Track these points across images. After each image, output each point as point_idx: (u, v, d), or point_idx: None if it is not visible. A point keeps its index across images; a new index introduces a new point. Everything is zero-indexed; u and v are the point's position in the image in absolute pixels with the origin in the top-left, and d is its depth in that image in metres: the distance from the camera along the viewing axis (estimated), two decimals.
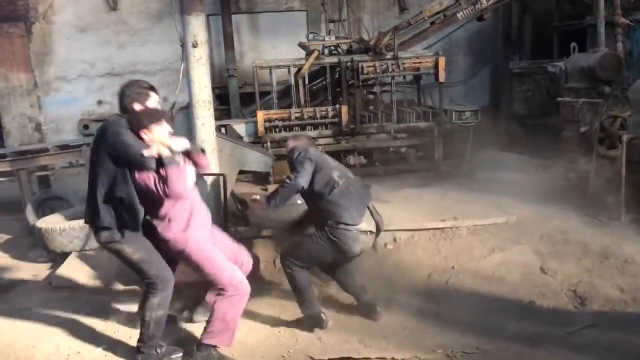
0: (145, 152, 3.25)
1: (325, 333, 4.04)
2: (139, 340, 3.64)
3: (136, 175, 3.36)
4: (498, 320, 4.06)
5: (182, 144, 3.43)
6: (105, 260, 5.25)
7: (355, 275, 4.42)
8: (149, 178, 3.34)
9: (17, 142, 10.56)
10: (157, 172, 3.31)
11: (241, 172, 6.02)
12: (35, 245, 5.93)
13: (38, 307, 4.60)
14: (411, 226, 5.37)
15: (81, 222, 5.60)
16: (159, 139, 3.33)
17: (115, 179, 3.37)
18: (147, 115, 3.44)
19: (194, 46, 4.67)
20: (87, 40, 10.78)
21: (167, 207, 3.46)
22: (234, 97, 10.34)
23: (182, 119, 5.13)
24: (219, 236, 3.89)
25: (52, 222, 5.78)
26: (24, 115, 10.87)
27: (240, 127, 7.56)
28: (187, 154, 3.49)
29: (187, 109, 5.13)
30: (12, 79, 10.72)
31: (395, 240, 5.29)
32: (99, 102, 10.95)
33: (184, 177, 3.36)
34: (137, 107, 3.55)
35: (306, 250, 4.11)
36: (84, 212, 3.65)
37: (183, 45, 4.78)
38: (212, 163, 4.92)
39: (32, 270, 5.59)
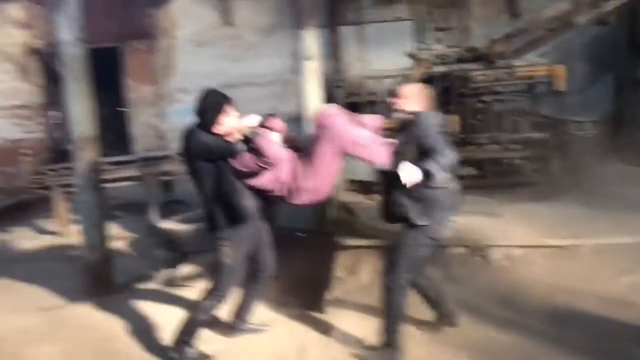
0: (228, 140, 3.48)
1: None
2: (175, 339, 3.77)
3: (235, 165, 3.50)
4: (626, 348, 3.76)
5: (254, 119, 3.64)
6: None
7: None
8: (247, 160, 3.46)
9: (143, 149, 11.46)
10: (250, 150, 3.46)
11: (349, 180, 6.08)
12: (158, 245, 6.35)
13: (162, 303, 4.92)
14: (527, 242, 5.12)
15: (199, 224, 5.99)
16: (232, 126, 3.53)
17: (217, 177, 3.53)
18: (211, 112, 3.59)
19: (308, 59, 4.81)
20: (205, 54, 11.47)
21: (279, 176, 3.50)
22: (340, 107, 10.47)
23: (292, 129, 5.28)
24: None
25: (174, 224, 6.20)
26: (149, 124, 11.78)
27: None
28: (262, 125, 3.65)
29: (299, 119, 5.29)
30: (139, 91, 11.68)
31: (509, 256, 5.07)
32: None
33: (273, 143, 3.50)
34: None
35: (408, 255, 3.64)
36: (203, 216, 3.83)
37: (297, 59, 4.94)
38: None
39: (156, 269, 5.98)
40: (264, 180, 3.49)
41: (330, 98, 10.13)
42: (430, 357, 3.85)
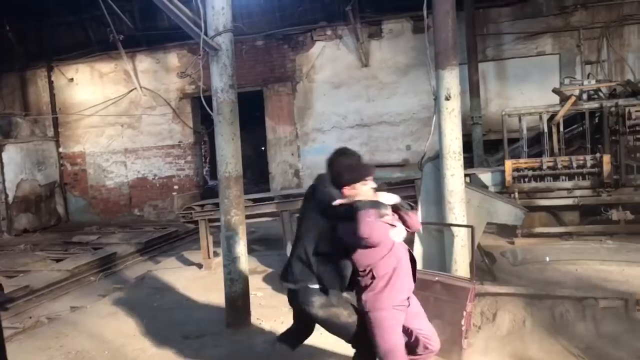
0: (337, 202, 3.19)
1: None
2: None
3: (340, 229, 3.21)
4: None
5: (390, 198, 3.29)
6: None
7: None
8: (348, 229, 3.13)
9: (279, 186, 12.00)
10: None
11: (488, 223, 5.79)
12: None
13: None
14: None
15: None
16: (362, 194, 3.22)
17: (320, 234, 3.29)
18: (349, 172, 3.32)
19: (447, 99, 4.73)
20: (340, 95, 11.82)
21: (367, 261, 3.24)
22: (477, 144, 10.18)
23: (431, 169, 5.19)
24: (415, 306, 3.50)
25: None
26: (286, 162, 12.32)
27: (485, 177, 7.35)
28: (396, 210, 3.32)
29: (435, 160, 5.18)
30: (279, 131, 12.30)
31: None
32: None
33: (376, 225, 3.09)
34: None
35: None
36: (283, 267, 3.56)
37: (436, 98, 4.87)
38: (461, 214, 4.86)
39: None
40: (360, 257, 3.23)
41: (468, 135, 9.92)
42: None
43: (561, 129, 7.61)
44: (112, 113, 13.37)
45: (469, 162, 9.90)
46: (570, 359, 4.18)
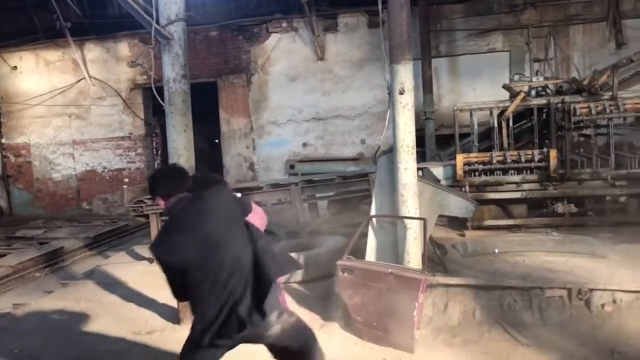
0: None
1: None
2: None
3: None
4: None
5: None
6: (309, 291, 5.55)
7: None
8: None
9: (234, 179, 11.86)
10: None
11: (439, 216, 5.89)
12: None
13: None
14: (635, 287, 4.70)
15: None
16: None
17: None
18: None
19: (401, 93, 4.77)
20: (296, 88, 11.77)
21: None
22: (429, 139, 10.34)
23: (385, 162, 5.23)
24: None
25: None
26: (241, 155, 12.19)
27: (437, 170, 7.48)
28: None
29: (389, 153, 5.22)
30: (233, 124, 12.15)
31: (615, 301, 4.67)
32: (304, 144, 11.78)
33: None
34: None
35: None
36: None
37: (390, 93, 4.90)
38: (413, 207, 4.92)
39: None
40: None
41: (421, 130, 10.06)
42: None
43: (510, 124, 7.81)
44: (60, 103, 12.88)
45: (421, 156, 10.06)
46: (518, 347, 4.31)
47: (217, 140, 13.11)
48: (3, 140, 13.42)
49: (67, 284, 7.00)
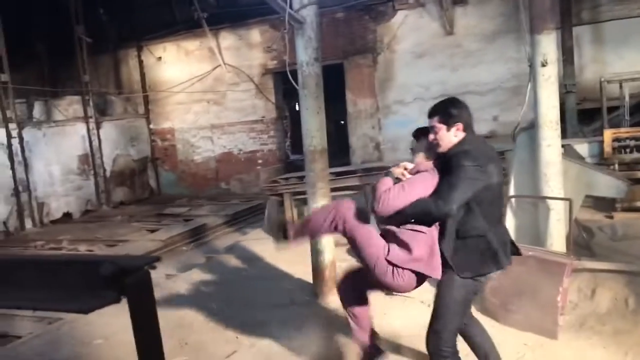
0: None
1: None
2: None
3: None
4: None
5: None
6: None
7: None
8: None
9: (360, 160, 11.96)
10: None
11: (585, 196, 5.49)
12: None
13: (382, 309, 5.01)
14: None
15: None
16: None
17: None
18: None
19: (544, 65, 4.49)
20: (423, 65, 11.51)
21: None
22: (571, 114, 9.62)
23: (525, 139, 4.97)
24: None
25: None
26: (367, 136, 12.24)
27: (582, 147, 6.95)
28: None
29: (530, 130, 4.95)
30: (359, 104, 12.22)
31: None
32: None
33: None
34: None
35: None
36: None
37: (531, 65, 4.62)
38: (557, 187, 4.63)
39: None
40: None
41: (561, 104, 9.42)
42: None
43: None
44: (198, 90, 13.81)
45: (562, 133, 9.36)
46: None
47: (343, 122, 13.28)
48: (151, 126, 14.72)
49: (211, 257, 7.57)
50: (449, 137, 2.91)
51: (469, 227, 2.86)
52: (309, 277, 5.69)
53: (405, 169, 3.02)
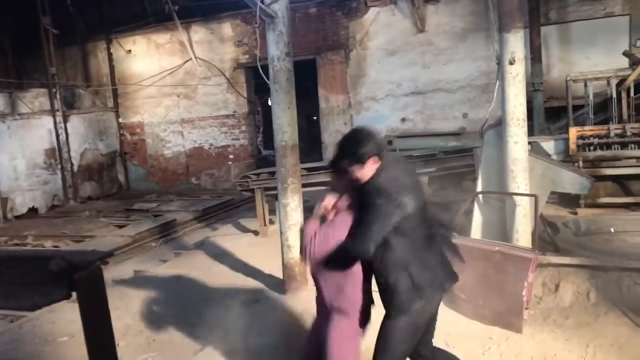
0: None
1: None
2: None
3: None
4: None
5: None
6: None
7: None
8: None
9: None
10: None
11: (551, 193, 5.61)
12: None
13: None
14: None
15: None
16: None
17: None
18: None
19: (511, 63, 4.55)
20: (395, 62, 11.58)
21: None
22: (538, 112, 9.79)
23: (493, 136, 5.04)
24: None
25: None
26: (339, 132, 12.23)
27: (548, 145, 7.08)
28: None
29: (497, 127, 5.02)
30: (332, 100, 12.23)
31: None
32: (403, 120, 11.62)
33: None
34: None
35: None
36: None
37: (499, 63, 4.69)
38: (523, 183, 4.71)
39: None
40: None
41: (529, 102, 9.58)
42: None
43: (631, 94, 7.22)
44: (169, 83, 13.62)
45: (529, 130, 9.50)
46: (639, 332, 4.04)
47: (315, 118, 13.27)
48: (120, 120, 14.46)
49: (180, 253, 7.49)
50: (366, 172, 2.83)
51: (391, 262, 2.79)
52: (279, 273, 5.68)
53: (327, 208, 2.97)
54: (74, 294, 1.00)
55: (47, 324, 4.98)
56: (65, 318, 5.03)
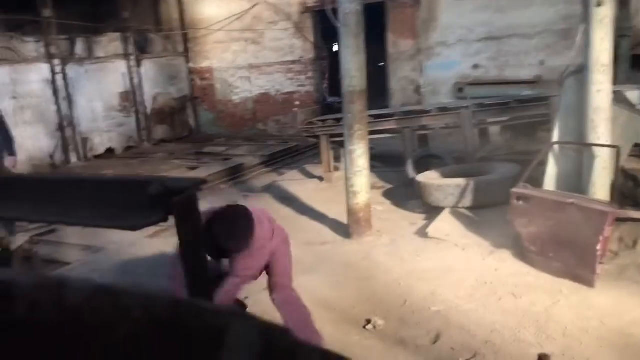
0: None
1: None
2: None
3: None
4: None
5: None
6: (478, 218, 5.46)
7: None
8: None
9: (399, 103, 11.76)
10: None
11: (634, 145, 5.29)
12: (412, 196, 6.51)
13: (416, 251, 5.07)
14: None
15: (456, 180, 5.93)
16: None
17: None
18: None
19: (599, 5, 4.23)
20: (467, 6, 11.03)
21: None
22: (623, 60, 9.13)
23: (573, 84, 4.77)
24: None
25: (429, 178, 6.28)
26: (407, 78, 11.98)
27: (633, 95, 6.60)
28: None
29: (579, 74, 4.74)
30: (400, 45, 11.89)
31: None
32: (475, 66, 11.17)
33: None
34: None
35: None
36: None
37: (584, 5, 4.37)
38: (605, 134, 4.47)
39: (409, 219, 6.16)
40: None
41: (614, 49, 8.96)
42: None
43: None
44: (237, 28, 13.65)
45: (613, 79, 8.95)
46: None
47: (381, 64, 12.98)
48: (190, 65, 14.72)
49: (248, 196, 7.71)
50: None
51: None
52: (343, 218, 5.76)
53: None
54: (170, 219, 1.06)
55: (128, 256, 5.33)
56: (143, 252, 5.37)
